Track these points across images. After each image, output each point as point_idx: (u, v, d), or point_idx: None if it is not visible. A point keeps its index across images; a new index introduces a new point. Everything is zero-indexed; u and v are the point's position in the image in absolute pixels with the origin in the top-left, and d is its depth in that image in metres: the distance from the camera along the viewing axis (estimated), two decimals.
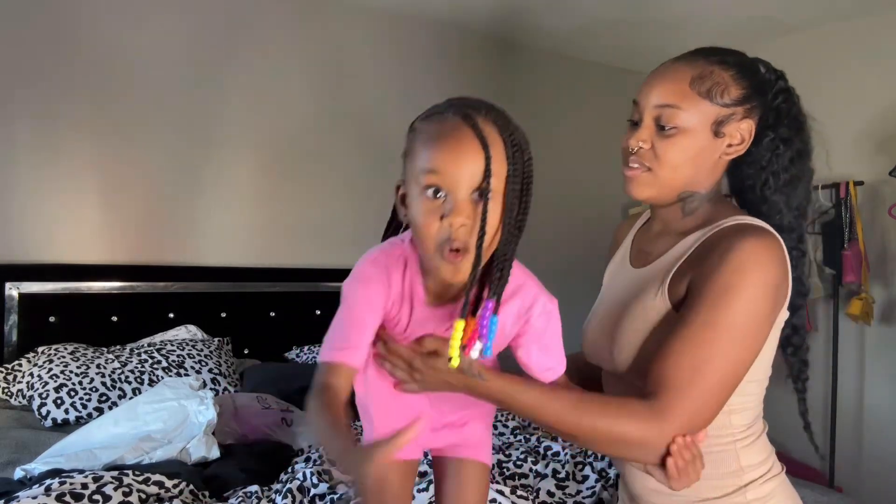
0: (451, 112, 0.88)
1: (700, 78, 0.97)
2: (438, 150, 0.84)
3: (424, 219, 0.84)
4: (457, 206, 0.83)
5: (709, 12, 3.10)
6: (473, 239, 0.83)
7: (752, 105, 0.98)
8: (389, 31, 3.34)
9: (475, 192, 0.84)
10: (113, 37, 2.73)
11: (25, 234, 2.59)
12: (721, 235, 0.95)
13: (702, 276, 0.92)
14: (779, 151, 1.00)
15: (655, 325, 0.97)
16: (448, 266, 0.84)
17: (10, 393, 2.31)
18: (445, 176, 0.83)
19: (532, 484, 1.80)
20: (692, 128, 0.97)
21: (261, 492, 1.63)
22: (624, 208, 4.17)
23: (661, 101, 0.99)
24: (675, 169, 0.99)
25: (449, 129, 0.86)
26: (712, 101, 0.96)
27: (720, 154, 0.99)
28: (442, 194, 0.83)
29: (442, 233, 0.83)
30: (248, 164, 3.02)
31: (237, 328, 2.93)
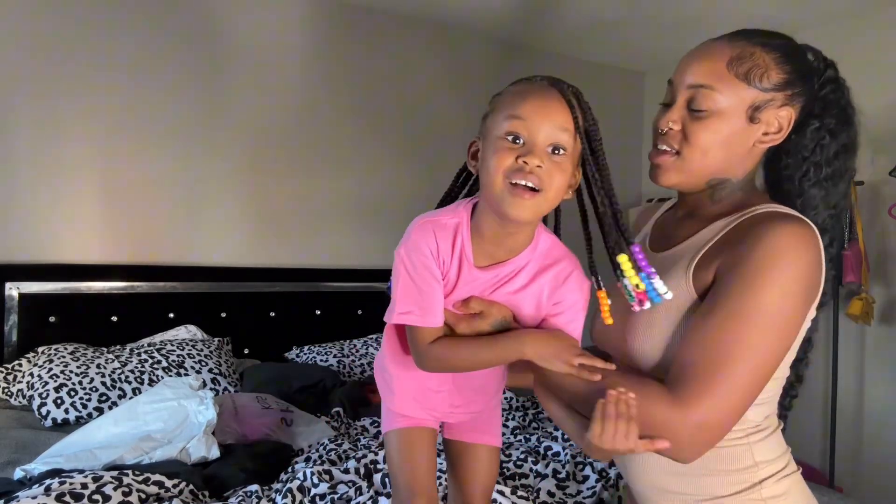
0: (540, 78, 0.94)
1: (739, 59, 0.91)
2: (526, 101, 0.90)
3: (498, 156, 0.89)
4: (535, 150, 0.88)
5: (709, 12, 3.10)
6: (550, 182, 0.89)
7: (795, 92, 0.92)
8: (391, 30, 3.34)
9: (551, 147, 0.89)
10: (112, 37, 2.73)
11: (25, 234, 2.59)
12: (753, 221, 0.89)
13: (731, 262, 0.86)
14: (824, 142, 0.94)
15: (676, 313, 0.91)
16: (514, 201, 0.88)
17: (10, 393, 2.31)
18: (529, 122, 0.89)
19: (532, 484, 1.80)
20: (726, 111, 0.91)
21: (261, 491, 1.63)
22: (624, 208, 4.15)
23: (696, 81, 0.93)
24: (705, 153, 0.93)
25: (538, 87, 0.92)
26: (750, 84, 0.90)
27: (755, 141, 0.93)
28: (521, 141, 0.89)
29: (514, 166, 0.88)
30: (248, 164, 3.02)
31: (237, 328, 2.93)
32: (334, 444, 1.98)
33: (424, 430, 1.10)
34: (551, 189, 0.90)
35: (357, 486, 1.62)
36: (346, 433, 2.21)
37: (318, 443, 2.03)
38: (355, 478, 1.67)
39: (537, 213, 0.92)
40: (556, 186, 0.90)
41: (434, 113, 3.45)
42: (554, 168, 0.89)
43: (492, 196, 0.91)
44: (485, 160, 0.93)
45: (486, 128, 0.96)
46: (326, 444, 1.99)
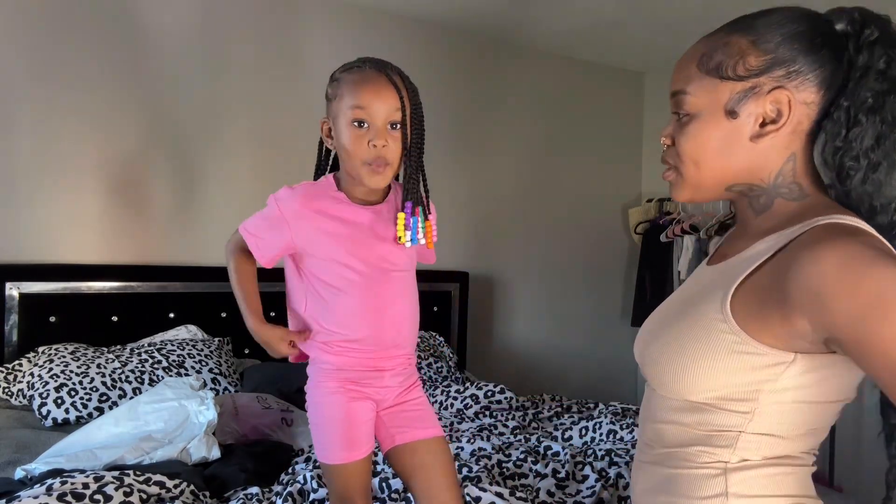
0: (368, 66, 1.20)
1: (709, 54, 0.82)
2: (363, 91, 1.16)
3: (354, 144, 1.17)
4: (378, 133, 1.16)
5: (709, 12, 3.10)
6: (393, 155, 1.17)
7: (792, 70, 0.78)
8: (386, 30, 3.34)
9: (390, 123, 1.16)
10: (112, 37, 2.73)
11: (25, 234, 2.59)
12: (801, 244, 0.75)
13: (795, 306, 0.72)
14: (859, 126, 0.76)
15: (705, 338, 0.79)
16: (374, 176, 1.17)
17: (10, 393, 2.31)
18: (369, 109, 1.15)
19: (532, 484, 1.80)
20: (702, 113, 0.82)
21: (261, 494, 1.64)
22: (624, 208, 4.17)
23: (673, 89, 0.86)
24: (696, 164, 0.84)
25: (369, 76, 1.17)
26: (723, 77, 0.80)
27: (751, 136, 0.81)
28: (366, 125, 1.16)
29: (369, 153, 1.16)
30: (248, 164, 3.02)
31: (237, 328, 2.91)
32: None
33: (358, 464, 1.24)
34: (396, 158, 1.19)
35: None
36: None
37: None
38: None
39: (389, 178, 1.20)
40: (398, 154, 1.19)
41: (433, 113, 3.44)
42: (393, 141, 1.17)
43: (354, 172, 1.19)
44: (340, 143, 1.19)
45: (333, 111, 1.22)
46: None
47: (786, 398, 0.77)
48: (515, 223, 3.79)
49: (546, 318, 3.91)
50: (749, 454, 0.80)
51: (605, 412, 2.46)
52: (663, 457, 0.86)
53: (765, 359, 0.76)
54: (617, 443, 2.15)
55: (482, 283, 3.64)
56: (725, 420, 0.80)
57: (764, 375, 0.76)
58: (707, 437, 0.81)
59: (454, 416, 2.50)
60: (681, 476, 0.83)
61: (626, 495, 1.73)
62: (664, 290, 3.66)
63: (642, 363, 0.90)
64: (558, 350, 3.95)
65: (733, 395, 0.78)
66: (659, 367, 0.85)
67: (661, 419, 0.87)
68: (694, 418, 0.82)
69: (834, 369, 0.77)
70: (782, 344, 0.75)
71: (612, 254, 4.16)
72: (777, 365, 0.76)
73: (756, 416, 0.78)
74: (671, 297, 0.97)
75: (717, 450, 0.81)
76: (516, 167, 3.79)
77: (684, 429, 0.83)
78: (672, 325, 0.85)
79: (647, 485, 0.89)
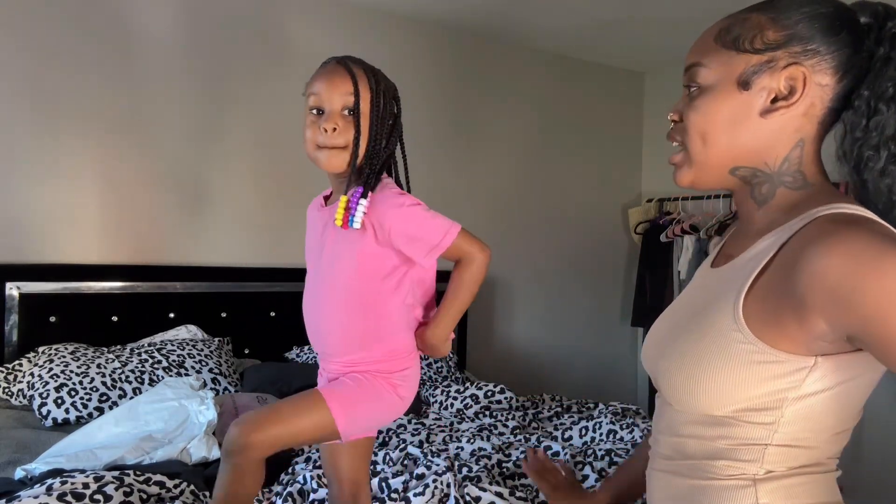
0: (333, 60, 1.23)
1: (728, 28, 0.80)
2: (317, 79, 1.19)
3: (308, 128, 1.18)
4: (329, 117, 1.16)
5: (709, 12, 3.09)
6: (344, 138, 1.16)
7: (808, 48, 0.76)
8: (387, 30, 3.34)
9: (345, 109, 1.17)
10: (113, 36, 2.73)
11: (25, 234, 2.59)
12: (805, 238, 0.72)
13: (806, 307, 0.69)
14: (879, 115, 0.75)
15: (720, 351, 0.76)
16: (321, 158, 1.18)
17: (10, 393, 2.31)
18: (322, 95, 1.17)
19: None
20: (715, 84, 0.80)
21: (261, 494, 1.63)
22: (624, 208, 4.17)
23: (687, 63, 0.83)
24: (704, 138, 0.81)
25: (327, 67, 1.21)
26: (740, 50, 0.79)
27: (761, 111, 0.78)
28: (321, 112, 1.17)
29: (318, 135, 1.17)
30: (248, 164, 3.02)
31: (237, 328, 2.93)
32: None
33: None
34: (349, 141, 1.17)
35: None
36: None
37: None
38: None
39: (345, 162, 1.18)
40: (350, 138, 1.16)
41: (434, 113, 3.45)
42: (348, 125, 1.16)
43: (311, 158, 1.20)
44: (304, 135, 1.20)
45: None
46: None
47: (810, 403, 0.75)
48: (515, 223, 3.79)
49: (546, 318, 3.91)
50: (776, 466, 0.78)
51: (605, 412, 2.46)
52: (684, 468, 0.84)
53: (785, 366, 0.73)
54: (617, 443, 2.15)
55: (482, 282, 3.64)
56: (750, 433, 0.77)
57: (786, 383, 0.74)
58: (731, 451, 0.79)
59: (454, 416, 2.50)
60: (708, 487, 0.80)
61: None
62: (664, 290, 3.66)
63: (655, 377, 0.87)
64: (558, 350, 3.95)
65: (756, 406, 0.76)
66: (674, 381, 0.81)
67: (680, 433, 0.84)
68: (716, 432, 0.79)
69: (857, 368, 0.75)
70: (802, 349, 0.73)
71: (612, 254, 4.16)
72: (799, 371, 0.73)
73: (781, 426, 0.76)
74: (677, 303, 0.94)
75: (742, 464, 0.78)
76: (516, 167, 3.79)
77: (706, 442, 0.81)
78: (683, 337, 0.82)
79: (668, 492, 0.86)
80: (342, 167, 1.18)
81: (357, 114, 1.17)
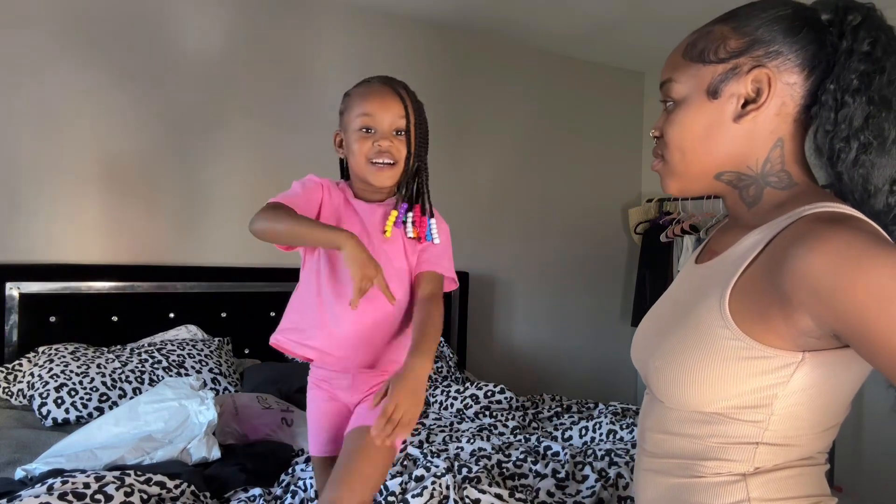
0: (375, 80, 1.32)
1: (694, 43, 0.84)
2: (370, 101, 1.27)
3: (360, 144, 1.28)
4: (384, 137, 1.27)
5: (709, 12, 3.09)
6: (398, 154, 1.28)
7: (771, 50, 0.78)
8: (386, 30, 3.34)
9: (395, 130, 1.28)
10: (112, 39, 2.73)
11: (25, 234, 2.59)
12: (792, 236, 0.73)
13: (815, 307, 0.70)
14: (846, 108, 0.75)
15: (708, 347, 0.77)
16: (377, 174, 1.28)
17: (10, 393, 2.31)
18: (375, 118, 1.27)
19: (532, 484, 1.80)
20: (687, 98, 0.83)
21: (264, 496, 1.63)
22: (624, 208, 4.17)
23: (661, 79, 0.87)
24: (682, 151, 0.84)
25: (376, 89, 1.29)
26: (705, 61, 0.82)
27: (733, 117, 0.80)
28: (372, 131, 1.28)
29: (372, 150, 1.27)
30: (248, 164, 3.02)
31: (237, 328, 2.93)
32: None
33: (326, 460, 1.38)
34: (401, 160, 1.29)
35: None
36: None
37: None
38: None
39: (395, 179, 1.30)
40: (403, 157, 1.29)
41: (434, 113, 3.44)
42: (400, 144, 1.28)
43: (360, 172, 1.30)
44: (350, 149, 1.30)
45: (344, 122, 1.33)
46: None
47: (799, 400, 0.76)
48: (515, 223, 3.79)
49: (546, 318, 3.91)
50: (766, 464, 0.78)
51: (605, 412, 2.46)
52: (673, 466, 0.84)
53: (773, 361, 0.74)
54: (617, 443, 2.15)
55: (482, 283, 3.64)
56: (740, 430, 0.78)
57: (774, 379, 0.75)
58: (722, 450, 0.79)
59: (454, 416, 2.50)
60: (698, 484, 0.81)
61: (626, 495, 1.74)
62: (664, 290, 3.64)
63: (645, 374, 0.87)
64: (558, 350, 3.95)
65: (746, 402, 0.76)
66: (664, 378, 0.82)
67: (669, 431, 0.84)
68: (706, 430, 0.80)
69: (844, 364, 0.75)
70: (789, 344, 0.73)
71: (612, 254, 4.16)
72: (787, 366, 0.74)
73: (771, 423, 0.77)
74: (663, 300, 0.95)
75: (732, 463, 0.79)
76: (516, 167, 3.79)
77: (696, 441, 0.81)
78: (670, 333, 0.83)
79: (657, 493, 0.86)
80: (392, 182, 1.30)
81: (409, 135, 1.29)
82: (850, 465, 3.22)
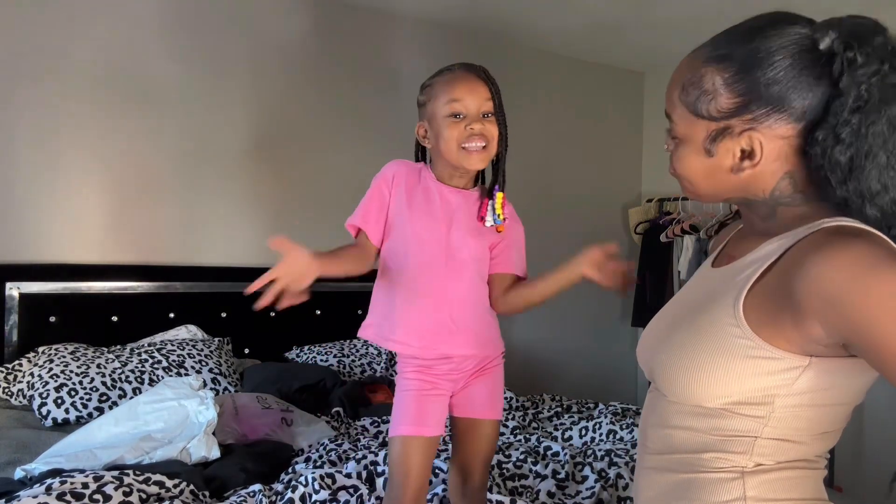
0: (457, 67, 1.36)
1: (689, 85, 0.82)
2: (458, 86, 1.31)
3: (451, 130, 1.29)
4: (476, 121, 1.29)
5: (709, 12, 3.10)
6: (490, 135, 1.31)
7: (760, 111, 0.77)
8: (386, 31, 3.34)
9: (483, 113, 1.31)
10: (114, 37, 2.73)
11: (25, 234, 2.59)
12: (807, 247, 0.74)
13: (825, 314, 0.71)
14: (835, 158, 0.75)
15: (718, 343, 0.78)
16: (469, 158, 1.30)
17: (10, 393, 2.31)
18: (464, 102, 1.30)
19: (532, 485, 1.80)
20: (686, 141, 0.84)
21: (264, 491, 1.63)
22: (624, 208, 4.17)
23: (665, 107, 0.88)
24: (690, 181, 0.86)
25: (461, 74, 1.33)
26: (698, 115, 0.81)
27: (731, 169, 0.81)
28: (461, 116, 1.30)
29: (464, 134, 1.29)
30: (248, 164, 3.02)
31: (237, 328, 2.93)
32: (334, 445, 1.98)
33: (424, 440, 1.33)
34: (492, 141, 1.32)
35: (359, 492, 1.62)
36: (346, 433, 2.22)
37: (318, 443, 2.03)
38: (357, 482, 1.66)
39: (485, 162, 1.34)
40: (494, 139, 1.32)
41: None
42: (490, 126, 1.31)
43: (452, 158, 1.31)
44: (441, 136, 1.31)
45: (428, 112, 1.35)
46: (326, 445, 1.99)
47: (801, 402, 0.77)
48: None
49: (546, 318, 3.90)
50: (765, 459, 0.79)
51: (605, 412, 2.46)
52: (673, 462, 0.84)
53: (780, 363, 0.75)
54: (617, 443, 2.15)
55: None
56: (740, 425, 0.79)
57: (779, 380, 0.76)
58: (721, 443, 0.80)
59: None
60: (696, 480, 0.81)
61: (626, 496, 1.73)
62: (664, 290, 3.66)
63: (650, 368, 0.89)
64: (558, 350, 3.95)
65: (748, 399, 0.77)
66: (670, 372, 0.83)
67: (671, 425, 0.85)
68: (707, 424, 0.81)
69: (849, 372, 0.76)
70: (797, 348, 0.74)
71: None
72: (792, 369, 0.75)
73: (771, 420, 0.77)
74: (675, 300, 0.95)
75: (732, 455, 0.80)
76: (516, 166, 3.75)
77: (696, 434, 0.82)
78: (681, 330, 0.84)
79: (656, 491, 0.87)
80: (485, 165, 1.34)
81: (499, 116, 1.33)
82: (850, 466, 3.21)
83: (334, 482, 1.64)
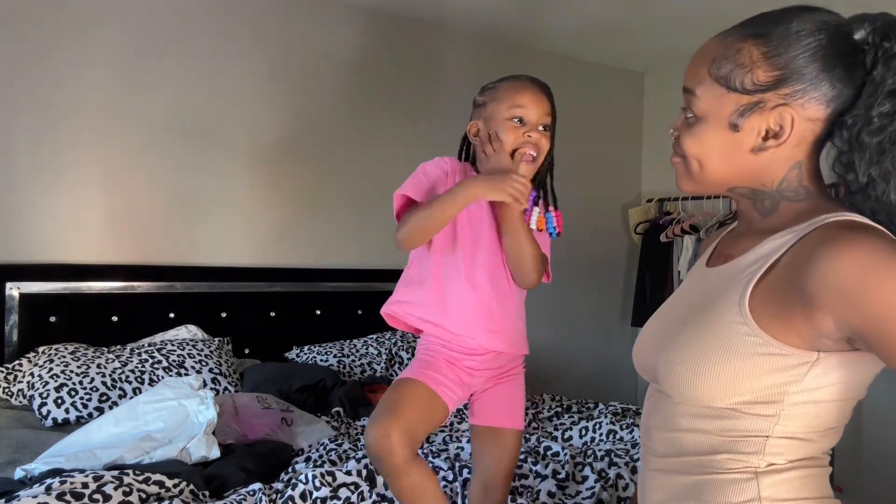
0: (524, 77, 1.41)
1: (722, 58, 0.81)
2: (524, 94, 1.36)
3: (511, 134, 1.35)
4: (532, 128, 1.36)
5: (709, 12, 3.10)
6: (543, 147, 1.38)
7: (797, 88, 0.77)
8: (387, 31, 3.34)
9: (541, 125, 1.37)
10: (112, 38, 2.73)
11: (25, 234, 2.59)
12: (816, 240, 0.74)
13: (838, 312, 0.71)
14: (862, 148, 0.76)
15: (725, 341, 0.78)
16: (523, 166, 1.33)
17: (10, 393, 2.31)
18: (528, 110, 1.36)
19: (532, 485, 1.80)
20: (708, 118, 0.82)
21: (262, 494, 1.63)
22: (624, 208, 4.17)
23: (684, 84, 0.85)
24: (700, 163, 0.84)
25: (528, 84, 1.39)
26: (730, 88, 0.80)
27: (752, 149, 0.81)
28: (522, 122, 1.36)
29: (520, 139, 1.35)
30: (248, 165, 3.02)
31: (237, 328, 2.93)
32: (335, 444, 1.98)
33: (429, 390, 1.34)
34: (542, 154, 1.38)
35: (359, 490, 1.61)
36: (347, 433, 2.22)
37: (318, 443, 2.03)
38: (358, 480, 1.66)
39: (531, 173, 1.37)
40: (544, 151, 1.39)
41: (431, 112, 3.45)
42: (544, 138, 1.37)
43: (502, 158, 1.35)
44: (498, 134, 1.36)
45: (487, 113, 1.39)
46: (327, 444, 1.99)
47: (810, 398, 0.77)
48: None
49: (546, 318, 3.90)
50: (776, 458, 0.79)
51: (605, 412, 2.46)
52: (683, 465, 0.83)
53: (789, 359, 0.75)
54: (617, 443, 2.14)
55: None
56: (751, 425, 0.78)
57: (789, 377, 0.76)
58: (732, 444, 0.79)
59: (454, 415, 2.50)
60: (709, 482, 0.80)
61: (626, 496, 1.74)
62: (664, 290, 3.66)
63: (652, 369, 0.87)
64: (558, 350, 3.95)
65: (758, 398, 0.77)
66: (676, 372, 0.81)
67: (678, 427, 0.84)
68: (716, 425, 0.80)
69: (856, 367, 0.77)
70: (806, 343, 0.75)
71: (612, 254, 4.16)
72: (801, 365, 0.75)
73: (781, 418, 0.77)
74: (672, 301, 0.95)
75: (744, 456, 0.79)
76: None
77: (706, 436, 0.81)
78: (685, 329, 0.83)
79: (666, 493, 0.85)
80: (530, 176, 1.37)
81: (553, 131, 1.41)
82: (850, 465, 3.21)
83: (335, 479, 1.64)
